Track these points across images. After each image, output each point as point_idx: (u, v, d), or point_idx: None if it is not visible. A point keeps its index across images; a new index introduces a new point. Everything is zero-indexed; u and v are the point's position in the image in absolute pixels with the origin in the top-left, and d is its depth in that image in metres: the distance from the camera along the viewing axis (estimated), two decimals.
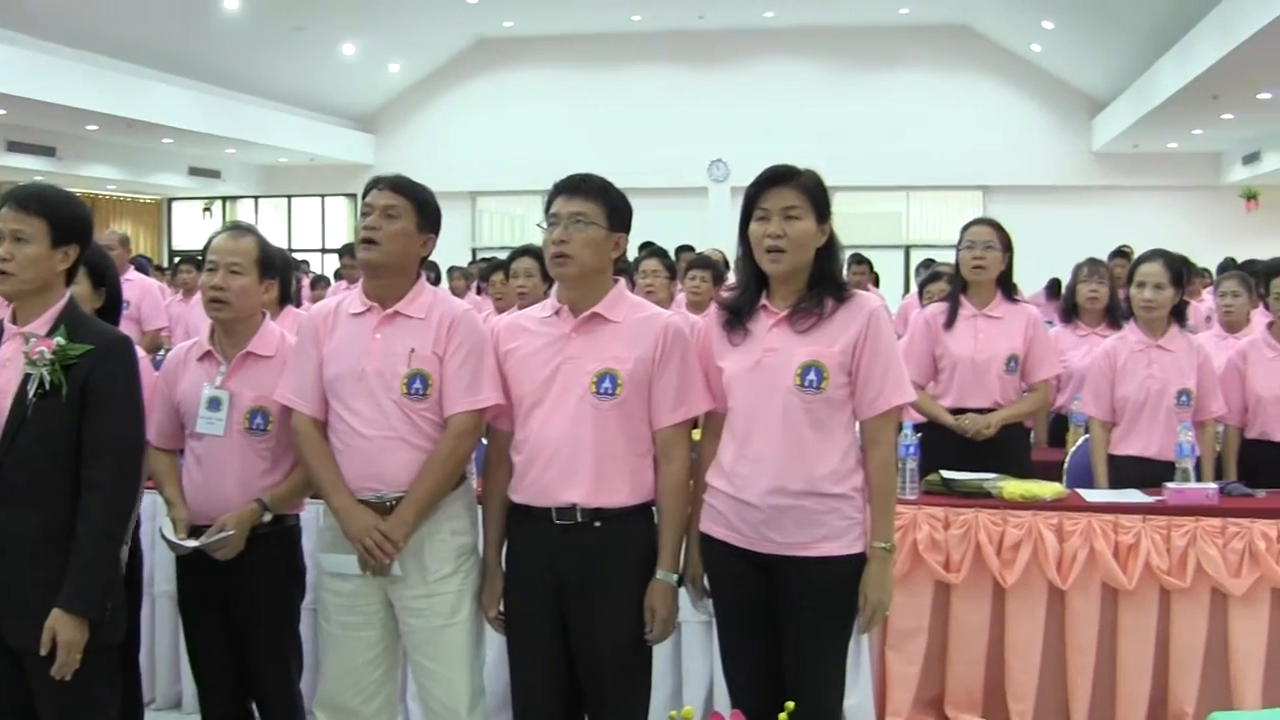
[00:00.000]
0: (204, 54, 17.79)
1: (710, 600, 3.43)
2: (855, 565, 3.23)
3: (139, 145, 19.50)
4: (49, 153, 17.77)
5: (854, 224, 18.41)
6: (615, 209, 3.36)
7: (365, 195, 3.47)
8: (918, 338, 5.40)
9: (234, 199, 24.62)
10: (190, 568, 3.65)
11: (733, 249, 3.43)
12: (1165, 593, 4.60)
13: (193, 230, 23.90)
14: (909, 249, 21.83)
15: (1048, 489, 4.74)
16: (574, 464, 3.27)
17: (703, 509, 3.36)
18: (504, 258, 6.74)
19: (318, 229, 24.51)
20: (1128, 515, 4.61)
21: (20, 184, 3.29)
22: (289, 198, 24.61)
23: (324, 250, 23.45)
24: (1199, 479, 4.93)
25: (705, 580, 3.41)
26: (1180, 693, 4.58)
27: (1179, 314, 5.24)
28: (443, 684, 3.43)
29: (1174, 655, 4.60)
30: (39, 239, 3.12)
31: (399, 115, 23.85)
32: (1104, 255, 7.78)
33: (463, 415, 3.37)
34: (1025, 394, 5.32)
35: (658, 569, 3.33)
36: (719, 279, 6.87)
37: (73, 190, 3.43)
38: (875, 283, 11.32)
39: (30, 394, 3.05)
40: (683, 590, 3.42)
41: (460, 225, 23.07)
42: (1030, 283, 8.35)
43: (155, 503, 3.93)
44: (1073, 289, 6.73)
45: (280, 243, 16.43)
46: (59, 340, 3.07)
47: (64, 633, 2.98)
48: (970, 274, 5.29)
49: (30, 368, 3.05)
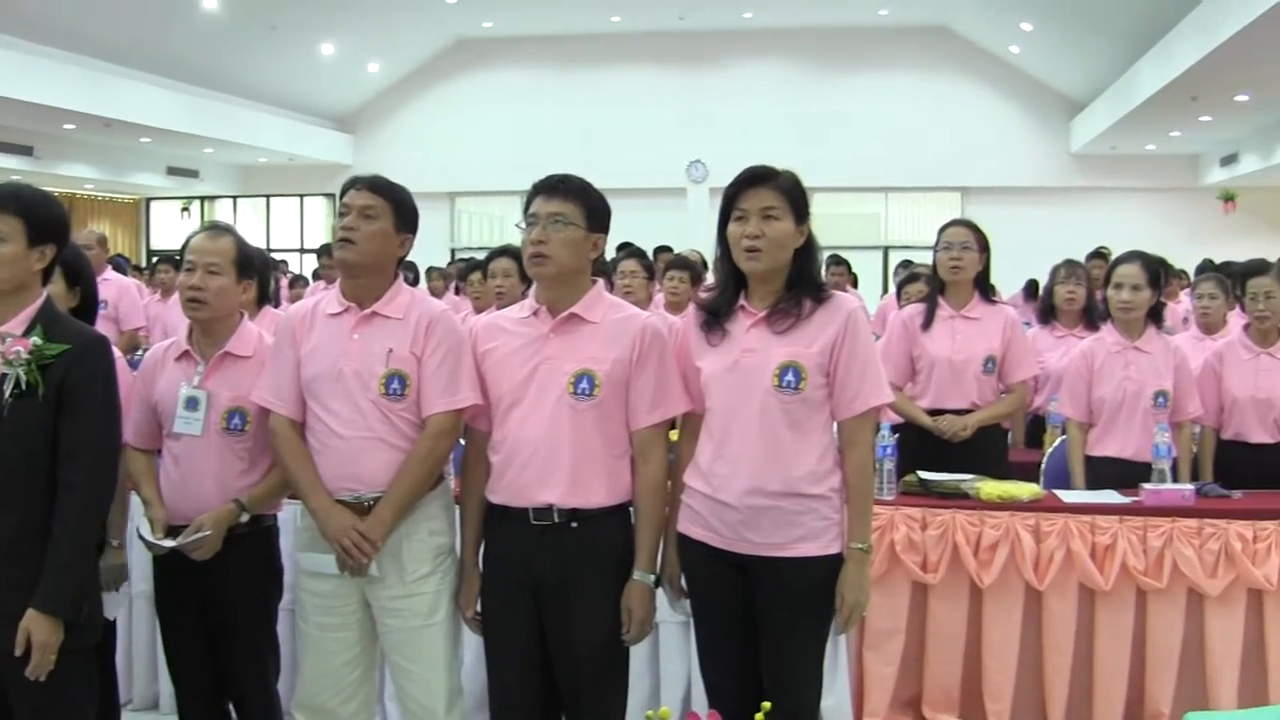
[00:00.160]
0: (183, 53, 17.72)
1: (688, 600, 3.43)
2: (833, 566, 3.23)
3: (117, 144, 19.41)
4: (26, 152, 17.67)
5: (832, 225, 18.47)
6: (594, 209, 3.36)
7: (343, 195, 3.47)
8: (895, 339, 5.41)
9: (212, 199, 24.54)
10: (167, 568, 3.64)
11: (711, 250, 3.43)
12: (1142, 593, 4.62)
13: (171, 230, 23.76)
14: (887, 250, 21.93)
15: (1025, 490, 4.76)
16: (551, 464, 3.27)
17: (680, 509, 3.36)
18: (482, 258, 6.73)
19: (296, 229, 24.39)
20: (1104, 516, 4.63)
21: None
22: (267, 197, 24.52)
23: (302, 250, 23.37)
24: (1175, 480, 4.96)
25: (683, 580, 3.41)
26: (1156, 693, 4.60)
27: (1156, 315, 5.25)
28: (420, 684, 3.43)
29: (1150, 655, 4.62)
30: (15, 238, 3.10)
31: (378, 115, 23.84)
32: (1082, 256, 7.78)
33: (441, 415, 3.37)
34: (1003, 395, 5.33)
35: (635, 569, 3.32)
36: (697, 280, 6.88)
37: (51, 189, 3.41)
38: (854, 284, 11.36)
39: (6, 394, 3.02)
40: (660, 591, 3.41)
41: (439, 225, 23.05)
42: (1008, 284, 8.40)
43: (133, 503, 3.91)
44: (1050, 290, 6.76)
45: (259, 243, 16.33)
46: (35, 340, 3.05)
47: (39, 634, 2.97)
48: (947, 275, 5.31)
49: (6, 367, 3.02)
